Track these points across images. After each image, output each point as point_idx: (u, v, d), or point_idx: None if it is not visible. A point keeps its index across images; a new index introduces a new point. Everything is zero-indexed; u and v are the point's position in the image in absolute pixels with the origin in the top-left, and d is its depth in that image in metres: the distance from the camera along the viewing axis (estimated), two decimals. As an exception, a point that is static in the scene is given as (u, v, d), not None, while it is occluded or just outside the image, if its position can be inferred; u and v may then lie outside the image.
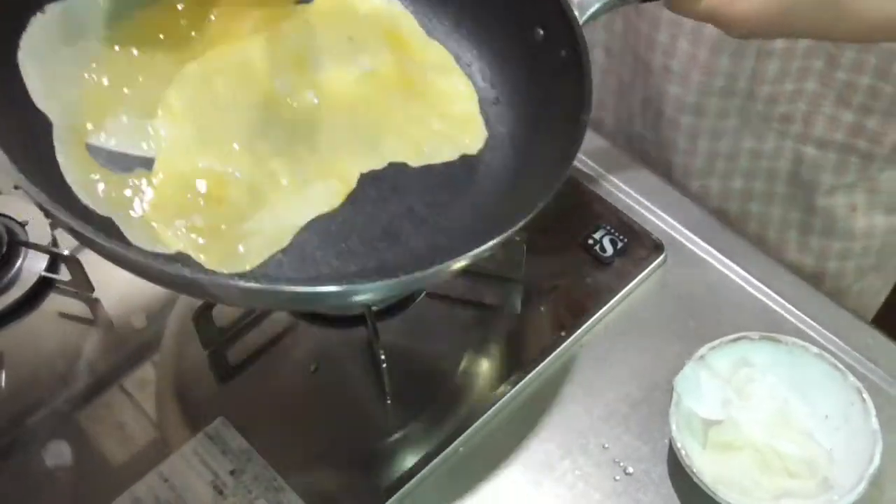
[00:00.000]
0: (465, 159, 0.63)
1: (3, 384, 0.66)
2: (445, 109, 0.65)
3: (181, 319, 0.68)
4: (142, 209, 0.57)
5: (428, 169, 0.62)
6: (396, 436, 0.62)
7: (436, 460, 0.61)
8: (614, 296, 0.68)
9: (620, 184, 0.76)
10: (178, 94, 0.61)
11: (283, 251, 0.58)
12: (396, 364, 0.65)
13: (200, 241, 0.57)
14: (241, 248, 0.58)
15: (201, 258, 0.57)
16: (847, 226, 0.81)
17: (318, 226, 0.59)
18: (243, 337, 0.67)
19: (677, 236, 0.72)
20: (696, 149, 0.82)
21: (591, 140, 0.80)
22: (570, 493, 0.60)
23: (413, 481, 0.60)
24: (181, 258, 0.56)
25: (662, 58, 0.77)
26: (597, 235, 0.72)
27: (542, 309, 0.69)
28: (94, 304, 0.69)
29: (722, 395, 0.60)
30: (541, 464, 0.61)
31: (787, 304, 0.68)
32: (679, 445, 0.57)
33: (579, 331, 0.67)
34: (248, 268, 0.57)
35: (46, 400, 0.64)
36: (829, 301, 0.68)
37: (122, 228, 0.57)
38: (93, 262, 0.69)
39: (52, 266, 0.71)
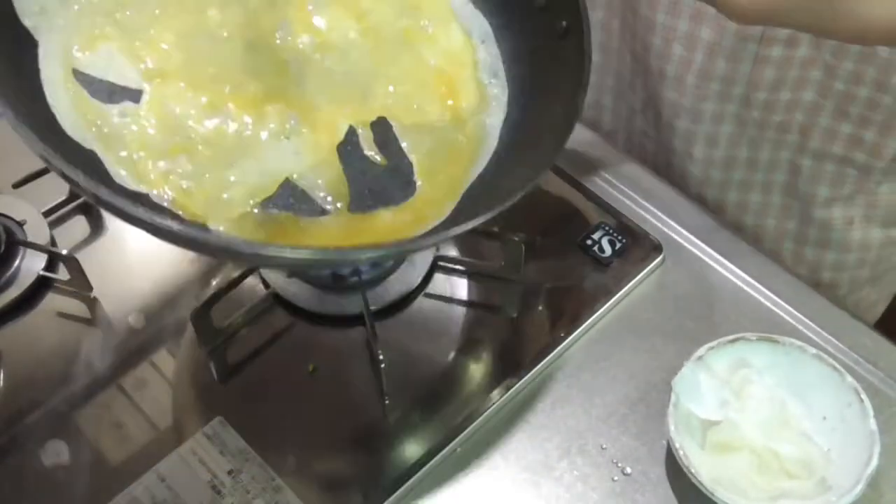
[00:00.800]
0: (456, 119, 0.62)
1: (0, 384, 0.66)
2: (441, 65, 0.64)
3: (179, 319, 0.68)
4: (127, 146, 0.56)
5: (418, 126, 0.61)
6: (394, 436, 0.62)
7: (434, 460, 0.61)
8: (613, 296, 0.68)
9: (619, 185, 0.76)
10: (170, 23, 0.60)
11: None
12: (395, 364, 0.65)
13: (184, 184, 0.56)
14: (225, 196, 0.57)
15: (184, 203, 0.55)
16: (842, 237, 0.81)
17: None
18: (241, 337, 0.67)
19: (676, 237, 0.72)
20: (693, 155, 0.81)
21: (591, 141, 0.81)
22: (568, 493, 0.60)
23: (411, 481, 0.60)
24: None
25: (657, 61, 0.77)
26: (595, 236, 0.72)
27: (541, 309, 0.69)
28: (92, 303, 0.69)
29: (720, 396, 0.60)
30: (539, 464, 0.61)
31: (785, 305, 0.68)
32: (677, 446, 0.57)
33: (578, 331, 0.67)
34: (235, 214, 0.56)
35: (44, 399, 0.64)
36: (827, 302, 0.68)
37: (107, 165, 0.55)
38: (91, 262, 0.69)
39: (51, 265, 0.71)
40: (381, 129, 0.62)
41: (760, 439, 0.59)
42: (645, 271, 0.70)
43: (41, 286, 0.70)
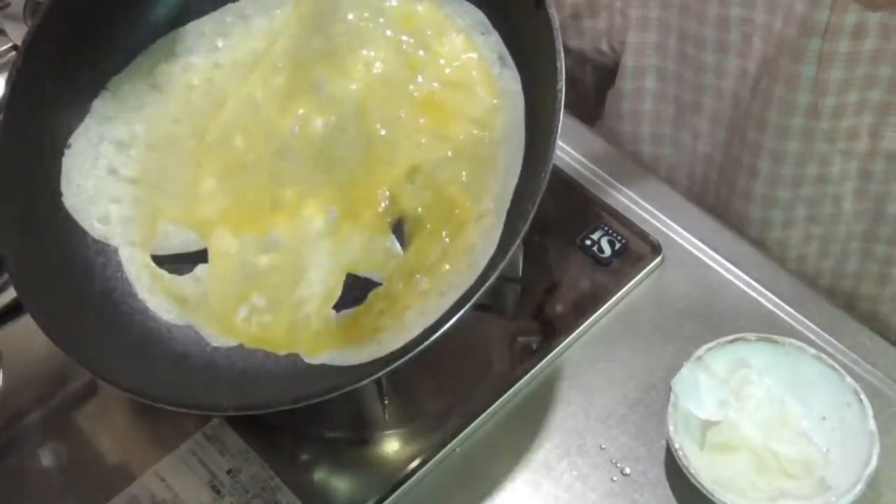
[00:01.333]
0: (482, 127, 0.62)
1: (0, 383, 0.66)
2: (450, 79, 0.64)
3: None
4: (212, 306, 0.61)
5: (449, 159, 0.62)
6: (393, 436, 0.62)
7: (433, 461, 0.61)
8: (612, 296, 0.68)
9: (619, 185, 0.76)
10: (206, 170, 0.65)
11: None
12: (394, 364, 0.65)
13: (265, 319, 0.60)
14: (302, 315, 0.60)
15: (267, 337, 0.60)
16: None
17: None
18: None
19: (675, 237, 0.72)
20: (758, 170, 0.78)
21: (590, 141, 0.80)
22: (567, 493, 0.60)
23: (410, 482, 0.60)
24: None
25: (738, 60, 0.75)
26: (595, 236, 0.72)
27: (540, 309, 0.69)
28: (91, 303, 0.69)
29: (719, 396, 0.60)
30: (538, 464, 0.61)
31: (784, 306, 0.68)
32: (676, 446, 0.57)
33: (577, 331, 0.67)
34: (315, 328, 0.59)
35: (43, 399, 0.64)
36: (826, 302, 0.68)
37: (201, 332, 0.61)
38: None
39: (50, 265, 0.71)
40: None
41: (760, 439, 0.59)
42: (644, 271, 0.70)
43: (40, 286, 0.70)
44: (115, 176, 0.65)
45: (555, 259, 0.71)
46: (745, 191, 0.80)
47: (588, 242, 0.71)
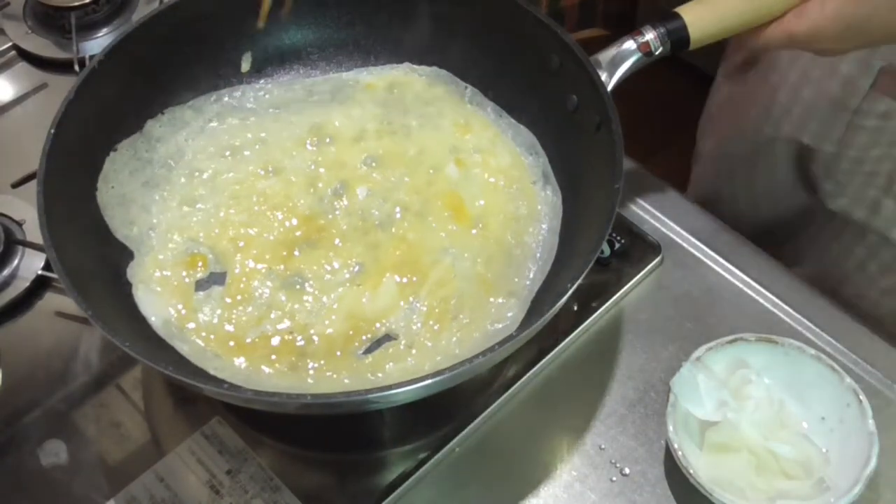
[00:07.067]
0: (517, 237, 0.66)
1: (-1, 383, 0.66)
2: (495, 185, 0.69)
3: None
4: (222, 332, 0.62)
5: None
6: (393, 436, 0.62)
7: (432, 461, 0.61)
8: (612, 297, 0.68)
9: (618, 185, 0.76)
10: (241, 206, 0.67)
11: None
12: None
13: (272, 356, 0.61)
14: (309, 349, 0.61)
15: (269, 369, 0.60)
16: None
17: None
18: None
19: (675, 238, 0.72)
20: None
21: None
22: (566, 493, 0.60)
23: (409, 482, 0.60)
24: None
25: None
26: (594, 236, 0.72)
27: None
28: (91, 303, 0.69)
29: (718, 397, 0.60)
30: (537, 464, 0.61)
31: (783, 306, 0.68)
32: (676, 446, 0.57)
33: (576, 332, 0.67)
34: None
35: (42, 399, 0.64)
36: (826, 303, 0.68)
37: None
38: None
39: (50, 265, 0.71)
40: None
41: (759, 440, 0.59)
42: (644, 272, 0.70)
43: (40, 286, 0.70)
44: (146, 185, 0.67)
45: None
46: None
47: (588, 243, 0.71)
